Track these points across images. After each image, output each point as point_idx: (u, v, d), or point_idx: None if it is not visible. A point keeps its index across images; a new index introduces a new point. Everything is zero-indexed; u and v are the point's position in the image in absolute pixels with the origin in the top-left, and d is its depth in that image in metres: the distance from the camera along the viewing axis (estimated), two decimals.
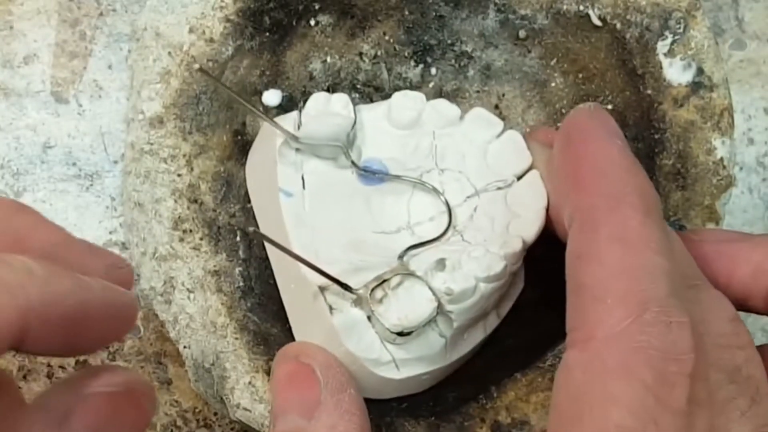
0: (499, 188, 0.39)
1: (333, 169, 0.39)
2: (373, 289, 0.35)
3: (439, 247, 0.37)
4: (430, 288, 0.35)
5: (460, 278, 0.35)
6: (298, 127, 0.38)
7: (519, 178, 0.39)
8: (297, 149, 0.39)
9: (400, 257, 0.36)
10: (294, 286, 0.38)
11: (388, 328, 0.34)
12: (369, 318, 0.35)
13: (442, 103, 0.40)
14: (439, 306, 0.35)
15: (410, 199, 0.40)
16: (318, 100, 0.39)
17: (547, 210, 0.38)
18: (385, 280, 0.35)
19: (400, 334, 0.35)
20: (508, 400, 0.39)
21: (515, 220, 0.38)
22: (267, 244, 0.40)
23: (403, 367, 0.36)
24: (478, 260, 0.35)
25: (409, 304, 0.35)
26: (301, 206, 0.38)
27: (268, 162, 0.39)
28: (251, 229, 0.34)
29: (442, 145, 0.40)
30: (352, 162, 0.39)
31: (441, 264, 0.35)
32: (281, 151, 0.38)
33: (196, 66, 0.36)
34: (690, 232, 0.37)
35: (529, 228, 0.37)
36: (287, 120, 0.39)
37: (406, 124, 0.40)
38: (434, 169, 0.40)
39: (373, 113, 0.40)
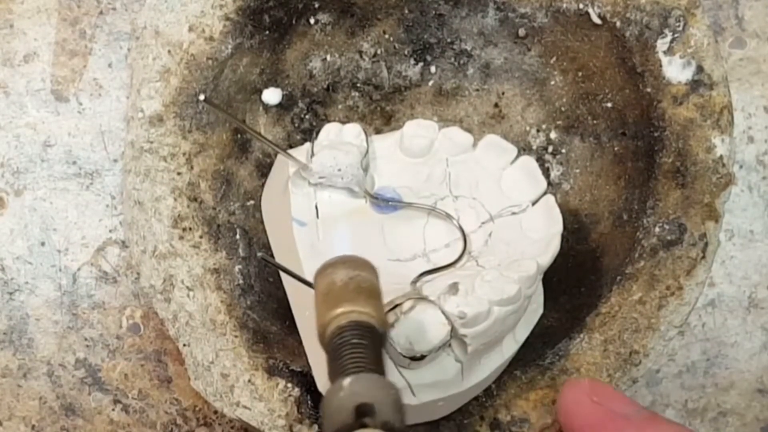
0: (514, 213, 0.39)
1: (346, 198, 0.39)
2: (385, 314, 0.34)
3: (453, 272, 0.37)
4: (443, 312, 0.34)
5: (474, 302, 0.34)
6: (311, 157, 0.38)
7: (533, 203, 0.40)
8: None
9: (413, 282, 0.36)
10: (308, 314, 0.38)
11: (401, 352, 0.34)
12: None
13: (454, 131, 0.41)
14: (453, 330, 0.34)
15: (425, 226, 0.40)
16: (330, 130, 0.40)
17: (562, 234, 0.38)
18: (397, 305, 0.34)
19: (414, 358, 0.34)
20: (508, 398, 0.39)
21: (530, 244, 0.38)
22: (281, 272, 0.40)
23: (418, 392, 0.35)
24: (492, 284, 0.35)
25: (421, 328, 0.34)
26: (315, 235, 0.38)
27: (282, 192, 0.39)
28: (260, 254, 0.34)
29: (455, 173, 0.40)
30: (365, 191, 0.39)
31: (454, 288, 0.35)
32: (294, 181, 0.39)
33: (201, 97, 0.36)
34: (592, 387, 0.35)
35: (544, 252, 0.37)
36: (300, 151, 0.39)
37: (419, 152, 0.40)
38: (448, 197, 0.40)
39: (385, 142, 0.41)
